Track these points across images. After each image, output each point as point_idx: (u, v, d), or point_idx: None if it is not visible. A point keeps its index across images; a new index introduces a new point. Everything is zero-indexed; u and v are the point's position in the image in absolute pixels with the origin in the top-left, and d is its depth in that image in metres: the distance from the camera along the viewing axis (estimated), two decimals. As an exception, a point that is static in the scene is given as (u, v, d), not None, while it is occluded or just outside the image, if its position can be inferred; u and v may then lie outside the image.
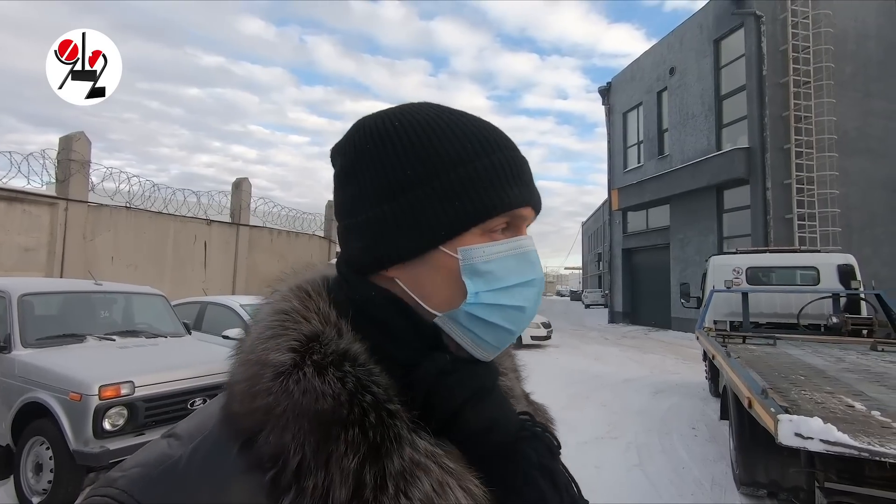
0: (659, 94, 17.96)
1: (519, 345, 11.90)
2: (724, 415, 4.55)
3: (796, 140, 12.77)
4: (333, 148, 0.55)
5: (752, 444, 3.36)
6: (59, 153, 8.81)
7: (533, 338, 12.14)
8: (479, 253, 0.47)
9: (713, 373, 6.52)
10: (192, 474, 0.40)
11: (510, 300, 0.48)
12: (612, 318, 20.98)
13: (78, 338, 3.97)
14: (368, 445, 0.40)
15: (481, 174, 0.47)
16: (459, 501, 0.41)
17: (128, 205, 9.65)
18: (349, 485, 0.38)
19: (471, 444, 0.46)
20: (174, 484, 0.40)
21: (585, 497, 0.52)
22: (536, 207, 0.52)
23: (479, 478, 0.44)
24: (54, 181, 8.78)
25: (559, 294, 71.23)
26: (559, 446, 0.52)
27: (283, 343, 0.43)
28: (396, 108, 0.52)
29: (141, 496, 0.39)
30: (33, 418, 3.38)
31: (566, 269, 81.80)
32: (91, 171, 9.14)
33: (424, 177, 0.46)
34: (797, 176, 12.69)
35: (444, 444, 0.45)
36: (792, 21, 13.11)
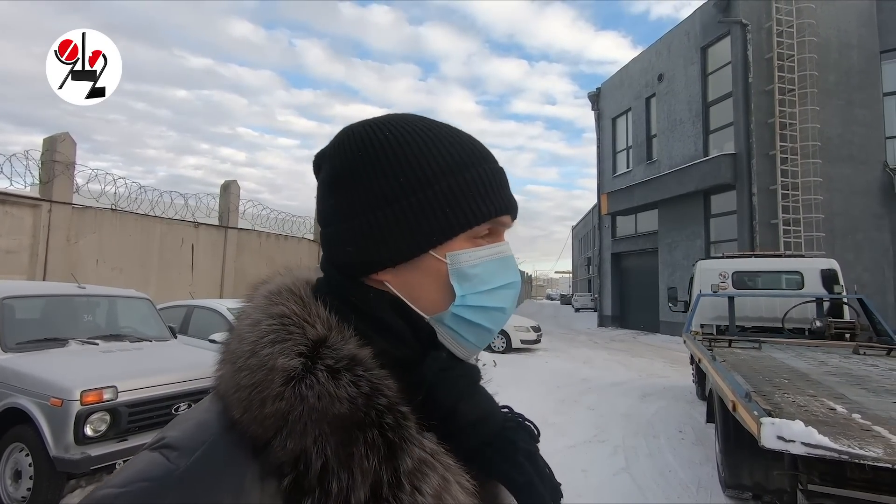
0: (647, 100, 18.16)
1: (508, 348, 11.94)
2: (710, 418, 4.58)
3: (781, 146, 12.97)
4: (319, 154, 0.56)
5: (737, 447, 3.39)
6: (42, 154, 8.67)
7: (522, 341, 12.16)
8: (466, 258, 0.50)
9: (700, 376, 6.58)
10: (204, 485, 0.39)
11: (493, 302, 0.51)
12: (602, 322, 21.10)
13: (60, 342, 3.90)
14: (387, 446, 0.41)
15: (469, 184, 0.50)
16: (457, 496, 0.43)
17: (113, 207, 9.52)
18: (368, 484, 0.40)
19: (462, 437, 0.48)
20: (187, 496, 0.38)
21: (560, 482, 0.56)
22: (514, 215, 0.55)
23: (469, 472, 0.46)
24: (38, 182, 8.64)
25: (549, 298, 71.50)
26: (539, 433, 0.56)
27: (290, 348, 0.43)
28: (384, 117, 0.54)
29: None
30: (12, 424, 3.30)
31: (556, 272, 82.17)
32: (76, 172, 9.00)
33: (417, 186, 0.49)
34: (782, 182, 12.88)
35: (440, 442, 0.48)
36: (777, 30, 13.34)
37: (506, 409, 0.56)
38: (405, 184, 0.49)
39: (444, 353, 0.50)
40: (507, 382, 7.58)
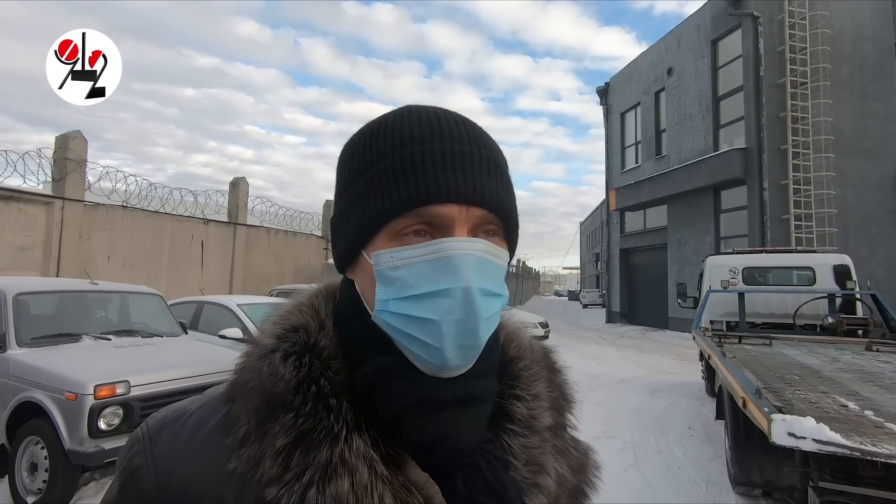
0: (657, 94, 17.99)
1: (516, 345, 11.91)
2: (719, 415, 4.56)
3: (793, 141, 12.80)
4: None
5: (747, 444, 3.37)
6: (55, 152, 8.78)
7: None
8: (386, 258, 0.44)
9: (709, 373, 6.54)
10: (189, 426, 0.48)
11: (418, 311, 0.43)
12: (610, 318, 21.02)
13: (73, 337, 3.96)
14: (297, 432, 0.42)
15: (380, 176, 0.45)
16: None
17: (124, 204, 9.63)
18: (279, 464, 0.41)
19: (422, 456, 0.45)
20: (175, 432, 0.49)
21: None
22: (474, 202, 0.44)
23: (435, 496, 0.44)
24: (50, 180, 8.75)
25: (557, 294, 71.33)
26: (507, 489, 0.44)
27: (275, 330, 0.49)
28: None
29: (154, 436, 0.49)
30: (28, 418, 3.37)
31: (564, 269, 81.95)
32: (87, 170, 9.12)
33: (346, 185, 0.49)
34: (794, 176, 12.72)
35: (398, 452, 0.45)
36: (789, 22, 13.14)
37: (489, 446, 0.46)
38: (342, 183, 0.49)
39: (391, 360, 0.45)
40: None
